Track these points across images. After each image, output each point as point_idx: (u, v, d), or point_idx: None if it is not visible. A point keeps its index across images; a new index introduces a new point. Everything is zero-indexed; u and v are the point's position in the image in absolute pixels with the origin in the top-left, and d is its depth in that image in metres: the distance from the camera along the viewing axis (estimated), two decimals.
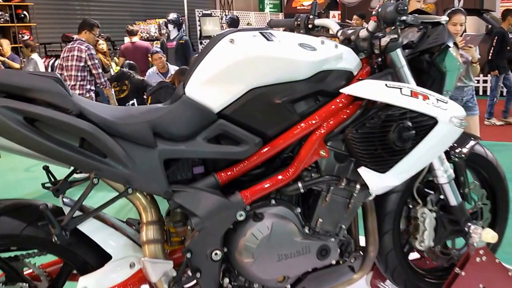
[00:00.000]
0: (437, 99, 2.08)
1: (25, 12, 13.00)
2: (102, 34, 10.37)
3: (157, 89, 6.03)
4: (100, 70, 6.85)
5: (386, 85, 2.01)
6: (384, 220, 2.45)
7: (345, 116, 2.06)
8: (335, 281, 2.30)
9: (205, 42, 15.50)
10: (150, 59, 8.70)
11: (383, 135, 2.01)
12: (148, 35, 14.42)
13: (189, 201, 1.91)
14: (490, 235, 2.42)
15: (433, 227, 2.47)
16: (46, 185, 1.95)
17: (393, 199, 2.46)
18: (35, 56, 9.55)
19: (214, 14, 16.83)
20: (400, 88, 2.02)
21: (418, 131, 2.04)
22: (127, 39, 10.07)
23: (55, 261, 2.09)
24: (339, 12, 15.90)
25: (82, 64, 6.62)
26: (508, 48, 9.07)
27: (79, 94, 6.47)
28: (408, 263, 2.63)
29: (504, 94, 9.30)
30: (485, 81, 12.20)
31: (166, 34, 9.91)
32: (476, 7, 12.45)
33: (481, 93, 12.19)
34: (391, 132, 1.99)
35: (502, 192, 2.74)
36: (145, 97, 7.10)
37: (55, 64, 10.02)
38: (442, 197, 2.49)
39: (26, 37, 12.33)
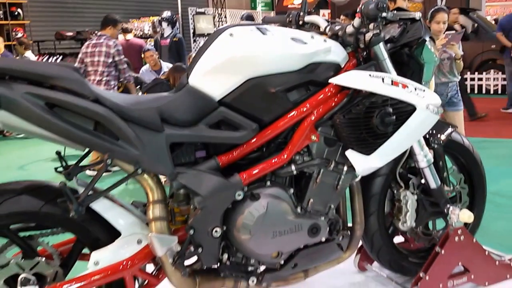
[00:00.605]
0: (415, 88, 2.29)
1: (19, 10, 13.12)
2: (96, 32, 10.49)
3: (152, 85, 6.16)
4: (125, 66, 6.89)
5: (369, 75, 2.22)
6: (370, 202, 2.65)
7: (333, 104, 2.26)
8: (325, 259, 2.48)
9: (198, 40, 15.68)
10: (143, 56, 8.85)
11: (368, 120, 2.22)
12: (142, 33, 14.58)
13: (193, 182, 2.11)
14: (466, 215, 2.62)
15: (414, 208, 2.67)
16: (58, 169, 2.12)
17: (378, 182, 2.66)
18: (28, 53, 9.64)
19: (207, 12, 16.98)
20: (382, 78, 2.23)
21: (398, 117, 2.25)
22: (121, 37, 10.22)
23: (66, 240, 2.27)
24: (329, 11, 16.10)
25: (110, 60, 6.66)
26: None
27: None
28: (393, 243, 2.84)
29: None
30: (480, 79, 12.37)
31: (160, 32, 10.04)
32: (462, 6, 12.67)
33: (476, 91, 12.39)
34: (374, 118, 2.20)
35: (479, 177, 2.96)
36: (140, 93, 7.23)
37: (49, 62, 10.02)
38: (423, 181, 2.70)
39: (19, 35, 12.44)
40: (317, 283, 2.96)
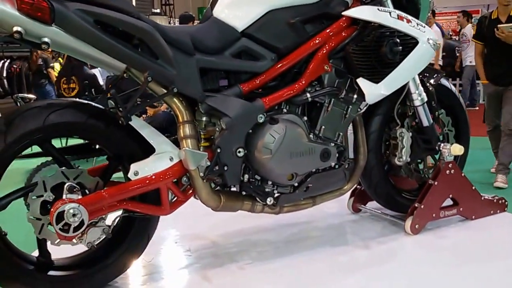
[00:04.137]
0: (417, 23, 2.57)
1: None
2: None
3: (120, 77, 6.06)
4: None
5: (378, 9, 2.47)
6: (369, 139, 2.88)
7: (345, 36, 2.50)
8: (332, 186, 2.70)
9: None
10: None
11: (377, 49, 2.47)
12: None
13: (220, 104, 2.29)
14: (457, 148, 2.91)
15: (409, 144, 2.92)
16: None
17: (376, 121, 2.92)
18: None
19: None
20: (389, 12, 2.49)
21: (403, 48, 2.50)
22: None
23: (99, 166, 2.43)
24: None
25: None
26: None
27: None
28: (388, 179, 3.08)
29: None
30: None
31: None
32: None
33: None
34: (384, 47, 2.45)
35: (464, 121, 3.24)
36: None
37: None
38: (416, 121, 2.96)
39: None
40: (316, 222, 3.19)
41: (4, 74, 8.57)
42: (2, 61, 11.92)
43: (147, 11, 16.83)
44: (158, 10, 17.02)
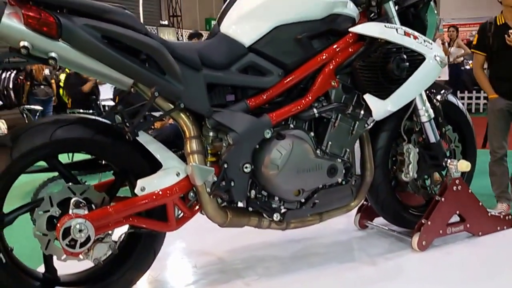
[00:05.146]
0: (424, 40, 2.57)
1: None
2: None
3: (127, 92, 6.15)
4: None
5: (385, 26, 2.48)
6: (376, 155, 2.88)
7: (351, 52, 2.51)
8: (339, 203, 2.69)
9: None
10: None
11: (384, 65, 2.47)
12: None
13: (227, 119, 2.29)
14: (464, 164, 2.90)
15: (416, 160, 2.91)
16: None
17: (383, 137, 2.91)
18: None
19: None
20: (396, 29, 2.49)
21: (410, 64, 2.50)
22: None
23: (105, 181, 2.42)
24: None
25: None
26: None
27: None
28: (395, 195, 3.07)
29: None
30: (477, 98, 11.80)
31: None
32: None
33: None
34: (390, 63, 2.45)
35: (471, 137, 3.24)
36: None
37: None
38: (423, 137, 2.95)
39: None
40: (322, 238, 3.17)
41: (11, 86, 8.56)
42: (9, 72, 11.94)
43: (155, 23, 16.95)
44: (166, 22, 17.05)
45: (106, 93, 8.00)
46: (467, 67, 11.07)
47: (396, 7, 2.71)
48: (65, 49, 1.97)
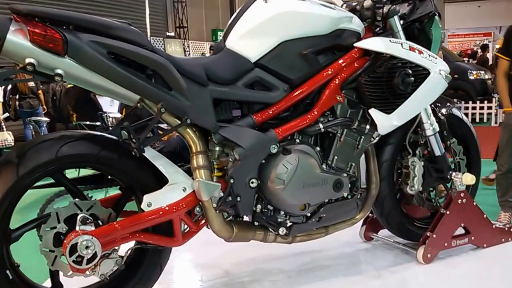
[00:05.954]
0: (429, 55, 2.58)
1: None
2: None
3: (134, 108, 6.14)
4: None
5: (390, 40, 2.49)
6: (381, 168, 2.88)
7: (357, 67, 2.52)
8: (345, 216, 2.69)
9: None
10: None
11: (389, 80, 2.48)
12: None
13: (234, 134, 2.30)
14: (469, 178, 2.91)
15: (421, 173, 2.92)
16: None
17: (388, 150, 2.92)
18: None
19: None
20: (401, 44, 2.50)
21: (415, 79, 2.51)
22: None
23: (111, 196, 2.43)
24: None
25: None
26: None
27: None
28: (401, 208, 3.07)
29: None
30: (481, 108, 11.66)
31: None
32: None
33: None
34: (396, 78, 2.46)
35: (475, 150, 3.24)
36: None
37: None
38: (428, 150, 2.96)
39: None
40: (328, 250, 3.18)
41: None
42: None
43: (162, 35, 16.99)
44: (172, 34, 17.09)
45: (106, 104, 8.02)
46: None
47: (401, 22, 2.72)
48: (71, 66, 1.97)
